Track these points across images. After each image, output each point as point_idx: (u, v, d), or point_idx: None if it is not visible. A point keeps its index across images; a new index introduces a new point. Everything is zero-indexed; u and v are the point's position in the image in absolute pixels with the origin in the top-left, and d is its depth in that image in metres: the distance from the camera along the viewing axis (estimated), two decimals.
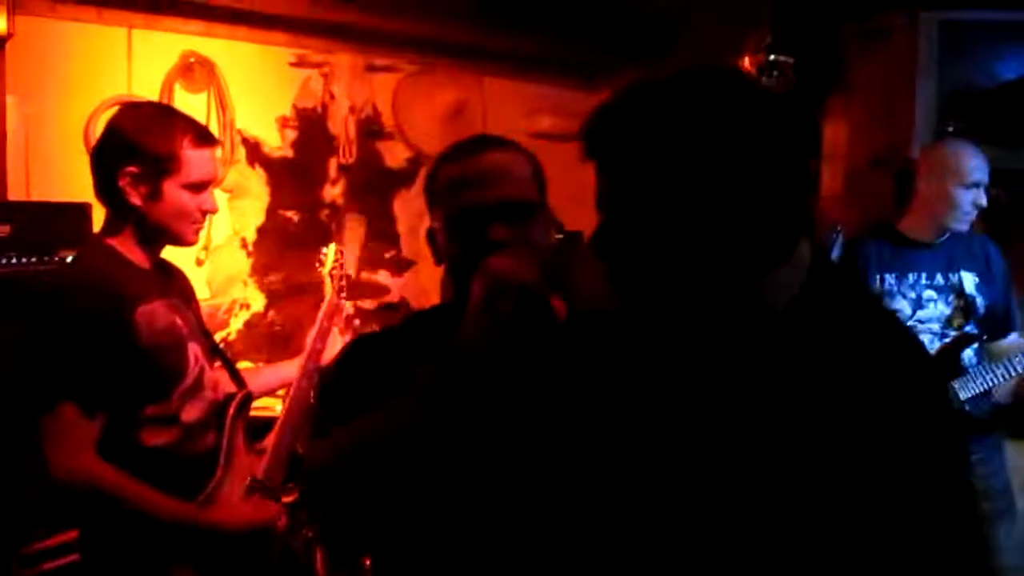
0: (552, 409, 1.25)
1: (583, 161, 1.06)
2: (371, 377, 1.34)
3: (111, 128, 1.81)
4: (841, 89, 3.67)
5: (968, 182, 2.69)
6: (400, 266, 4.42)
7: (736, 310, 1.04)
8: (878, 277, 2.75)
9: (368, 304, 4.27)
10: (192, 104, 3.76)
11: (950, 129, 3.31)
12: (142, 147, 1.76)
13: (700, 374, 1.09)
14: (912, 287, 2.74)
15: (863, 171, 3.48)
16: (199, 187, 1.84)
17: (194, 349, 1.88)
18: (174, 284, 1.97)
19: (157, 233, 1.84)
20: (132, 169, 1.76)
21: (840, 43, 3.60)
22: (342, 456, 1.25)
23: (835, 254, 2.64)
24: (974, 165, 2.71)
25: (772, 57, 3.40)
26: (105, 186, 1.80)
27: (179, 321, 1.85)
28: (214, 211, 1.90)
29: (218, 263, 3.93)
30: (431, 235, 1.42)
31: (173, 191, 1.80)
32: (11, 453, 2.77)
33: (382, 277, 4.31)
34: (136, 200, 1.78)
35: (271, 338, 4.12)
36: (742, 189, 0.97)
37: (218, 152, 1.91)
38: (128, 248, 1.83)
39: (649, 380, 1.14)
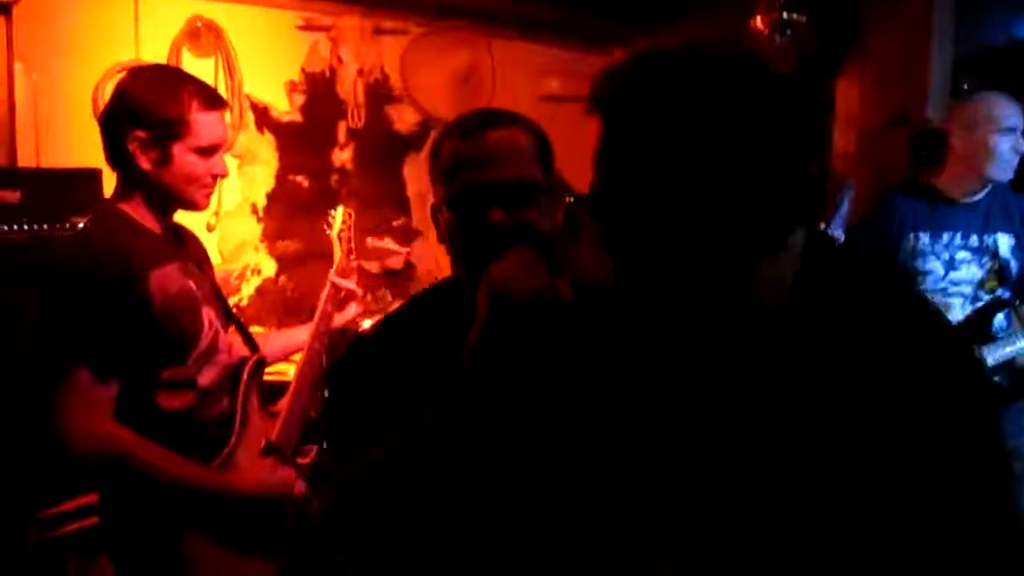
0: (556, 398, 1.24)
1: (588, 114, 1.04)
2: (375, 385, 1.32)
3: (119, 93, 1.80)
4: (855, 48, 3.62)
5: (1004, 127, 2.65)
6: (407, 235, 4.42)
7: (722, 297, 1.03)
8: (912, 235, 2.70)
9: (374, 268, 4.26)
10: (200, 69, 3.74)
11: (965, 87, 3.28)
12: (150, 111, 1.76)
13: (691, 361, 1.10)
14: (946, 247, 2.70)
15: (877, 131, 3.45)
16: (209, 151, 1.83)
17: (208, 313, 1.88)
18: (187, 248, 1.97)
19: (168, 198, 1.84)
20: (141, 134, 1.76)
21: (855, 2, 3.55)
22: (354, 504, 1.26)
23: (843, 210, 2.62)
24: (1008, 111, 2.67)
25: (785, 15, 3.35)
26: (115, 151, 1.80)
27: (193, 285, 1.85)
28: (224, 175, 1.90)
29: (229, 229, 3.93)
30: (434, 212, 1.39)
31: (183, 155, 1.79)
32: (28, 418, 2.81)
33: (388, 243, 4.30)
34: (146, 165, 1.78)
35: (283, 303, 4.13)
36: (734, 165, 0.96)
37: (227, 116, 1.89)
38: (140, 213, 1.83)
39: (644, 365, 1.14)
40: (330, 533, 1.37)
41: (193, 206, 1.87)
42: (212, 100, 1.84)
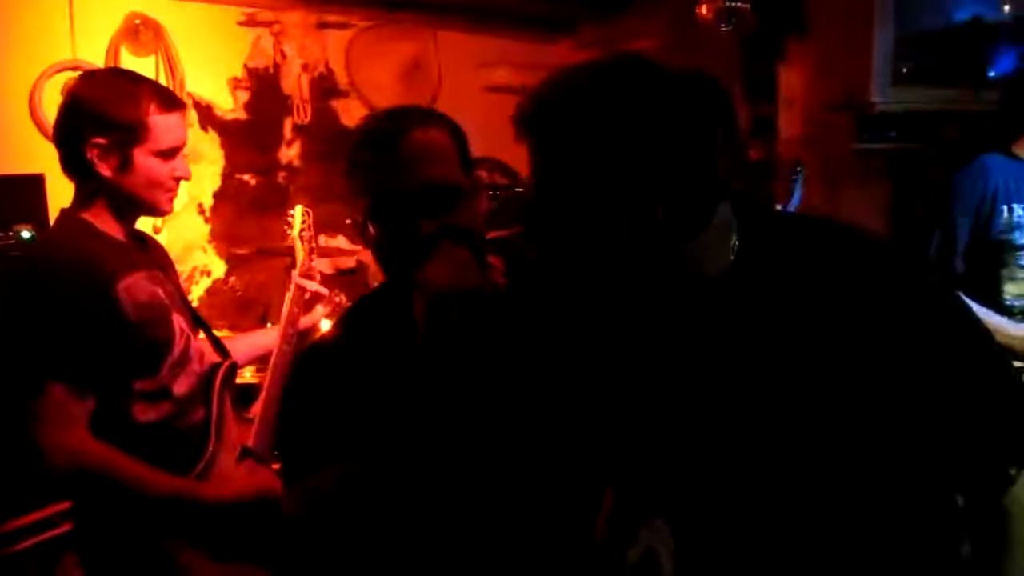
0: (513, 384, 1.26)
1: (518, 142, 1.16)
2: (328, 397, 1.31)
3: (73, 99, 1.74)
4: (799, 34, 3.69)
5: None
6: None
7: (664, 278, 1.12)
8: (1006, 208, 2.55)
9: (326, 268, 4.22)
10: (139, 68, 3.64)
11: (904, 71, 3.35)
12: (108, 117, 1.71)
13: (646, 334, 1.17)
14: None
15: (821, 115, 3.52)
16: (170, 153, 1.79)
17: (178, 320, 1.84)
18: (151, 255, 1.92)
19: (131, 204, 1.79)
20: (100, 140, 1.71)
21: None
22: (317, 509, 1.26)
23: (797, 194, 2.64)
24: None
25: (729, 3, 3.39)
26: (73, 159, 1.74)
27: (161, 292, 1.81)
28: (187, 177, 1.85)
29: (176, 230, 3.84)
30: (359, 225, 1.36)
31: (144, 159, 1.75)
32: None
33: (341, 242, 4.26)
34: (106, 172, 1.73)
35: (234, 304, 4.07)
36: (658, 162, 1.06)
37: (190, 116, 1.85)
38: (102, 221, 1.78)
39: (596, 344, 1.21)
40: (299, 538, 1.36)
41: (157, 211, 1.83)
42: (170, 101, 1.80)
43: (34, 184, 2.96)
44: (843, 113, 3.45)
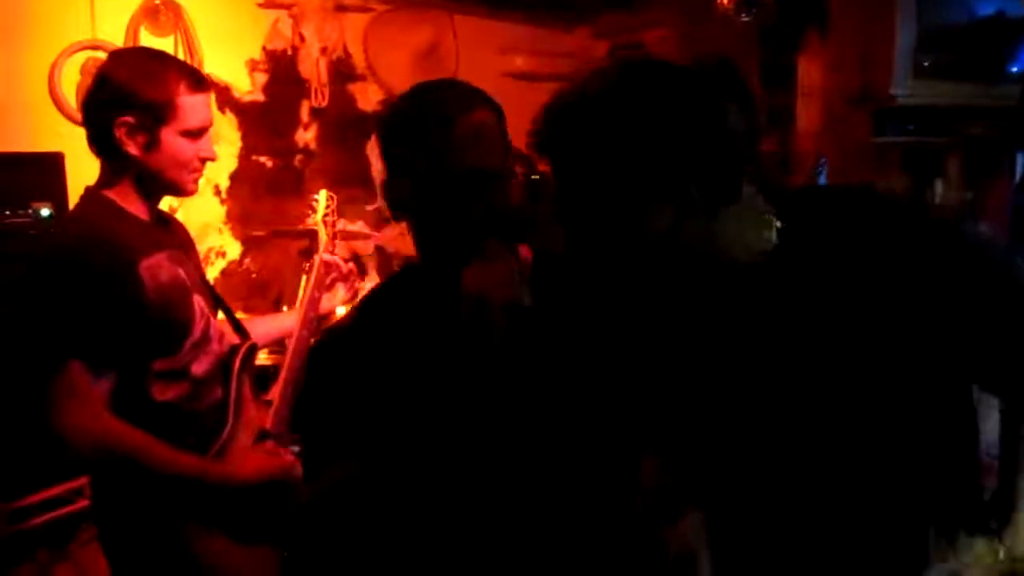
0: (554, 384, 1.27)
1: (538, 158, 1.20)
2: (350, 384, 1.29)
3: (103, 77, 1.75)
4: (819, 25, 3.66)
5: None
6: (379, 221, 4.38)
7: (700, 260, 1.15)
8: None
9: (343, 253, 4.22)
10: (159, 48, 3.65)
11: (925, 65, 3.33)
12: (137, 96, 1.71)
13: (681, 321, 1.20)
14: None
15: (841, 108, 3.50)
16: (196, 134, 1.79)
17: (198, 301, 1.85)
18: (174, 235, 1.93)
19: (156, 183, 1.80)
20: (128, 119, 1.71)
21: None
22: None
23: (822, 180, 2.62)
24: None
25: None
26: (101, 137, 1.75)
27: (182, 273, 1.82)
28: (213, 158, 1.86)
29: (192, 211, 3.84)
30: (391, 187, 1.33)
31: (171, 139, 1.75)
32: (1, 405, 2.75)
33: (360, 227, 4.26)
34: (134, 150, 1.74)
35: (248, 285, 4.08)
36: (680, 144, 1.12)
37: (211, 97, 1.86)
38: (126, 200, 1.79)
39: (634, 334, 1.24)
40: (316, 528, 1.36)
41: (182, 191, 1.84)
42: (198, 82, 1.81)
43: (53, 162, 2.97)
44: (861, 106, 3.43)
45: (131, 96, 1.71)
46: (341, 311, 3.01)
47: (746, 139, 1.15)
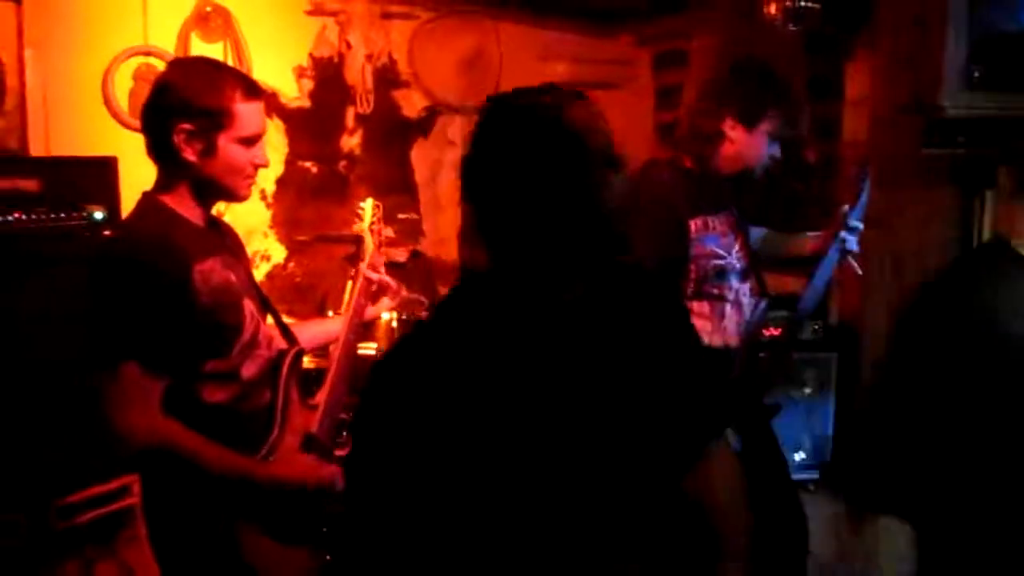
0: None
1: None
2: (407, 415, 1.25)
3: (164, 85, 1.78)
4: (866, 34, 3.63)
5: None
6: (414, 231, 4.41)
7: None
8: None
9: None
10: (209, 54, 3.71)
11: (976, 75, 3.28)
12: (196, 103, 1.75)
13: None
14: None
15: (889, 118, 3.46)
16: (251, 141, 1.83)
17: (249, 305, 1.88)
18: (226, 240, 1.96)
19: (211, 189, 1.84)
20: (186, 126, 1.75)
21: None
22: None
23: (863, 198, 2.57)
24: None
25: (799, 3, 3.35)
26: (159, 143, 1.78)
27: (233, 277, 1.85)
28: (265, 164, 1.89)
29: (238, 215, 3.87)
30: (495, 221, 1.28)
31: (227, 146, 1.79)
32: (51, 406, 2.81)
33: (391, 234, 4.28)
34: (191, 156, 1.77)
35: (292, 289, 4.13)
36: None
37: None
38: (182, 205, 1.82)
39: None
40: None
41: (236, 197, 1.87)
42: (253, 90, 1.84)
43: (107, 166, 3.03)
44: (910, 116, 3.38)
45: (190, 103, 1.75)
46: (385, 317, 3.05)
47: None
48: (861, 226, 2.50)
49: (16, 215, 2.79)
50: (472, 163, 1.26)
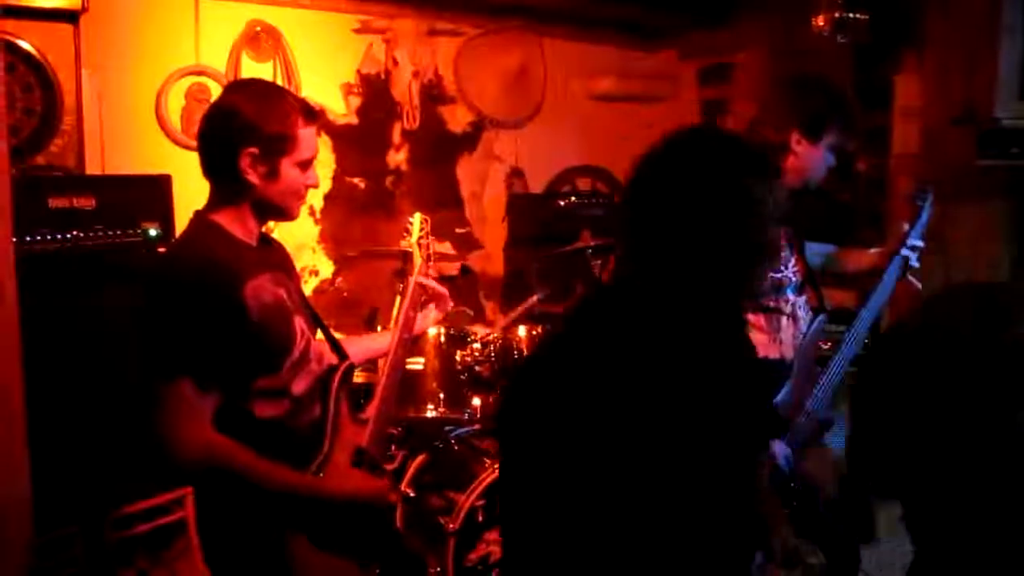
0: None
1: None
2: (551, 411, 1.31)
3: (229, 108, 1.81)
4: (916, 45, 3.58)
5: None
6: (468, 243, 4.45)
7: None
8: None
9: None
10: (258, 73, 3.80)
11: None
12: (265, 129, 1.78)
13: None
14: None
15: (940, 129, 3.41)
16: (308, 164, 1.86)
17: (299, 322, 1.90)
18: (277, 258, 1.99)
19: (269, 209, 1.87)
20: (253, 150, 1.78)
21: None
22: None
23: (924, 217, 2.53)
24: None
25: (847, 14, 3.32)
26: (222, 165, 1.81)
27: (284, 295, 1.88)
28: (317, 186, 1.92)
29: (287, 231, 3.95)
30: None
31: (288, 169, 1.82)
32: (107, 419, 2.86)
33: (447, 248, 4.32)
34: (255, 179, 1.80)
35: (340, 304, 4.17)
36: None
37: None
38: (234, 223, 1.85)
39: None
40: None
41: (290, 216, 1.91)
42: (311, 115, 1.87)
43: (162, 184, 3.09)
44: (963, 127, 3.33)
45: (259, 129, 1.78)
46: (433, 332, 3.07)
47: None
48: (922, 244, 2.46)
49: (73, 232, 2.85)
50: (645, 190, 1.34)
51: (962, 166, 3.32)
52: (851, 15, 3.35)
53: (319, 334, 2.07)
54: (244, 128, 1.77)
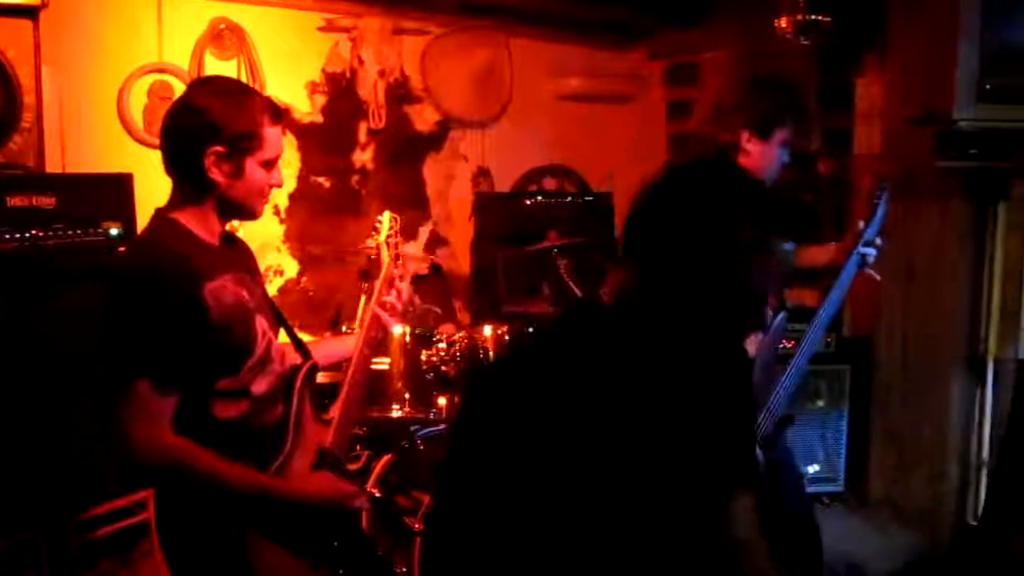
0: None
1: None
2: (511, 427, 1.31)
3: (195, 106, 1.79)
4: (878, 46, 3.63)
5: None
6: (434, 242, 4.45)
7: None
8: None
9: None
10: (222, 71, 3.76)
11: (988, 88, 3.27)
12: (230, 127, 1.76)
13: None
14: None
15: (901, 131, 3.46)
16: (272, 163, 1.85)
17: (261, 323, 1.89)
18: (239, 257, 1.97)
19: (232, 208, 1.85)
20: (219, 148, 1.76)
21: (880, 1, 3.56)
22: None
23: (880, 213, 2.57)
24: None
25: (810, 17, 3.36)
26: (186, 163, 1.79)
27: (246, 295, 1.86)
28: (280, 185, 1.91)
29: (252, 229, 3.90)
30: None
31: (253, 169, 1.81)
32: (66, 421, 2.82)
33: (412, 248, 4.30)
34: (219, 177, 1.78)
35: (305, 303, 4.15)
36: None
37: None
38: (195, 223, 1.83)
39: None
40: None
41: (253, 216, 1.89)
42: (277, 114, 1.86)
43: (123, 183, 3.05)
44: (922, 128, 3.38)
45: (224, 127, 1.76)
46: (398, 331, 3.06)
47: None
48: (879, 241, 2.50)
49: (33, 232, 2.81)
50: (639, 223, 1.37)
51: (922, 167, 3.36)
52: (814, 18, 3.39)
53: (283, 334, 2.05)
54: (209, 126, 1.76)
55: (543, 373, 1.33)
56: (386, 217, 2.30)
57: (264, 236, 3.97)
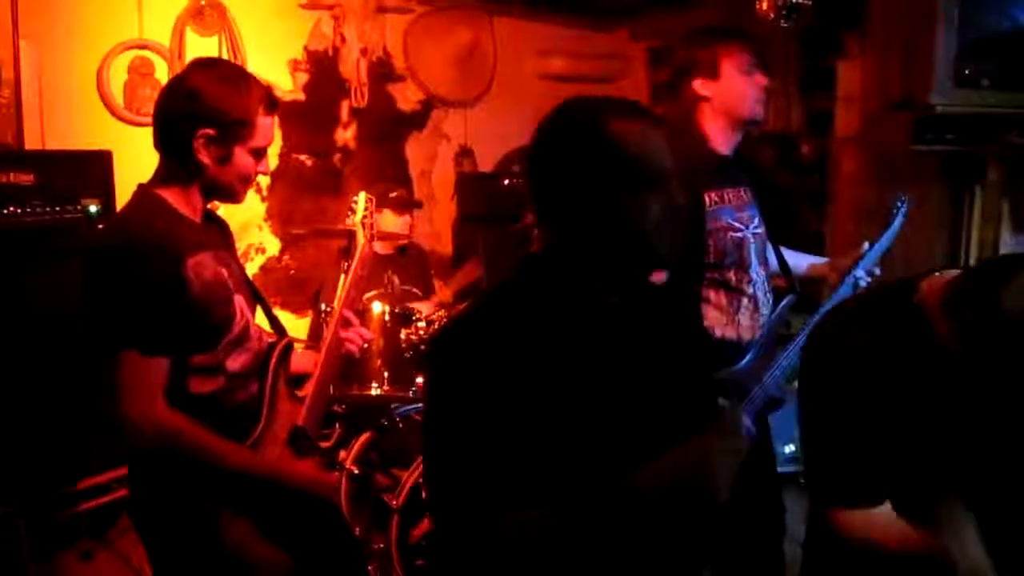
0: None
1: None
2: (478, 381, 1.31)
3: (193, 88, 1.79)
4: (858, 31, 3.65)
5: None
6: (405, 205, 4.42)
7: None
8: None
9: (383, 249, 4.28)
10: (203, 48, 3.74)
11: (966, 73, 3.30)
12: (224, 113, 1.77)
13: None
14: None
15: (880, 114, 3.48)
16: (262, 152, 1.86)
17: (239, 300, 1.90)
18: (220, 235, 1.98)
19: (215, 191, 1.86)
20: (209, 131, 1.77)
21: None
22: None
23: (896, 225, 2.57)
24: None
25: (791, 0, 3.36)
26: (175, 143, 1.80)
27: (225, 272, 1.87)
28: (267, 173, 1.94)
29: (232, 208, 3.89)
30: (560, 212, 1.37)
31: (241, 156, 1.82)
32: (48, 396, 2.84)
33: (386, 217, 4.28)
34: (206, 160, 1.79)
35: (287, 281, 4.16)
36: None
37: None
38: (178, 200, 1.84)
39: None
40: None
41: (236, 199, 1.91)
42: (272, 104, 1.87)
43: (102, 160, 3.06)
44: (901, 113, 3.40)
45: (218, 113, 1.77)
46: (378, 309, 3.08)
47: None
48: (878, 271, 2.50)
49: (12, 209, 2.81)
50: (533, 163, 1.38)
51: (900, 151, 3.39)
52: (795, 1, 3.39)
53: (259, 312, 2.07)
54: (204, 109, 1.76)
55: (501, 318, 1.37)
56: (361, 198, 2.31)
57: (246, 214, 3.98)
